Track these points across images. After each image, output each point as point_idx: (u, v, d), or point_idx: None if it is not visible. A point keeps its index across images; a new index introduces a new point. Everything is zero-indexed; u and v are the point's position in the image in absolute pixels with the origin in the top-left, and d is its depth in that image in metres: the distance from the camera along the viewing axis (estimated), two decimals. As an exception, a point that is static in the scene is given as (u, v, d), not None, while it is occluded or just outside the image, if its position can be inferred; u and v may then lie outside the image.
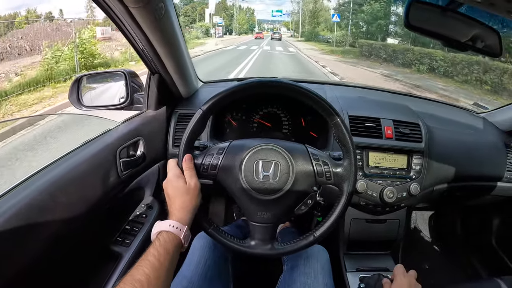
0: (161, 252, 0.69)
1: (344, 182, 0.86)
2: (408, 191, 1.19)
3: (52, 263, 0.80)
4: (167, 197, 0.82)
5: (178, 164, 0.85)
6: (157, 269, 0.66)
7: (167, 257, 0.69)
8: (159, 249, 0.69)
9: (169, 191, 0.81)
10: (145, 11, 0.82)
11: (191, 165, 0.84)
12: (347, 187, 0.86)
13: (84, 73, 1.24)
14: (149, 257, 0.67)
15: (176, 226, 0.74)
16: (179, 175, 0.82)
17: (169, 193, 0.81)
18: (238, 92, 0.86)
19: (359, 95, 1.52)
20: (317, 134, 1.32)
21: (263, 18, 53.44)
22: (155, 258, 0.67)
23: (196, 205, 0.82)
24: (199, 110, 0.85)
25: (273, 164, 0.83)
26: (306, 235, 0.88)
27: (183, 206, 0.79)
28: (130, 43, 1.01)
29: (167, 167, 0.85)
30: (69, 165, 0.89)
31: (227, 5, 47.49)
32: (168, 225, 0.74)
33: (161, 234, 0.73)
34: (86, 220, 0.90)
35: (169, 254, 0.70)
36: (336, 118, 0.85)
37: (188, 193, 0.80)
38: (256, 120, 1.36)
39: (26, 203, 0.74)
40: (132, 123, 1.15)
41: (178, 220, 0.76)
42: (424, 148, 1.23)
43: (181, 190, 0.80)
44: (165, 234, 0.73)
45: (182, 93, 1.30)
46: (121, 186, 1.05)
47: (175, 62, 1.10)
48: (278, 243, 0.88)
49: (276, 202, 0.84)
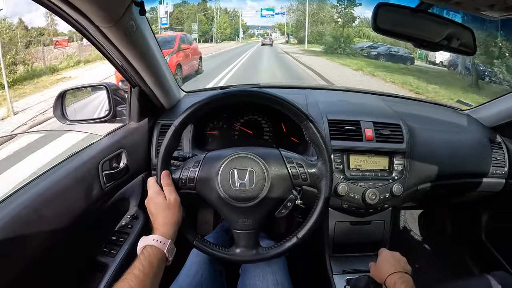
0: (146, 266, 0.72)
1: (321, 181, 0.88)
2: (391, 192, 1.19)
3: (39, 276, 0.83)
4: (150, 214, 0.85)
5: (157, 181, 0.87)
6: (142, 281, 0.69)
7: (151, 270, 0.72)
8: (144, 263, 0.72)
9: (151, 208, 0.84)
10: (115, 29, 0.85)
11: (169, 181, 0.87)
12: (325, 186, 0.88)
13: (68, 88, 1.26)
14: (134, 270, 0.70)
15: (160, 240, 0.77)
16: (159, 191, 0.85)
17: (151, 210, 0.84)
18: (206, 105, 0.88)
19: (339, 99, 1.53)
20: (298, 139, 1.33)
21: (253, 24, 44.94)
22: (140, 271, 0.70)
23: (178, 219, 0.85)
24: (171, 126, 0.88)
25: (248, 172, 0.86)
26: (290, 237, 0.90)
27: (165, 221, 0.82)
28: (107, 59, 1.03)
29: (147, 185, 0.88)
30: (53, 179, 0.91)
31: (206, 6, 37.09)
32: (152, 239, 0.77)
33: (145, 248, 0.76)
34: (71, 232, 0.93)
35: (153, 267, 0.73)
36: (305, 120, 0.87)
37: (169, 208, 0.83)
38: (238, 128, 1.37)
39: (11, 217, 0.76)
40: (115, 136, 1.17)
41: (161, 234, 0.79)
42: (406, 148, 1.23)
43: (162, 206, 0.83)
44: (150, 248, 0.76)
45: (164, 104, 1.32)
46: (105, 198, 1.07)
47: (152, 75, 1.12)
48: (262, 248, 0.90)
49: (255, 208, 0.87)
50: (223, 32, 40.70)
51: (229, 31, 41.94)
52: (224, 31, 40.89)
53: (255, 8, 40.28)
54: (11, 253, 0.74)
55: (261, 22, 43.73)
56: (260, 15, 37.44)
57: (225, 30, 41.13)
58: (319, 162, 0.89)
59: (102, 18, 0.80)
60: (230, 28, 42.19)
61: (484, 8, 0.73)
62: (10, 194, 0.83)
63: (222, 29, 40.81)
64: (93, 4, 0.75)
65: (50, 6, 0.75)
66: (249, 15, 40.42)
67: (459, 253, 1.80)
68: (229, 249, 0.90)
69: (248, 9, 43.68)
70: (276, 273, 1.02)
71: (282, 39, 43.63)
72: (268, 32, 44.01)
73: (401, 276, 0.84)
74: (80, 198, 0.97)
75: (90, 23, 0.81)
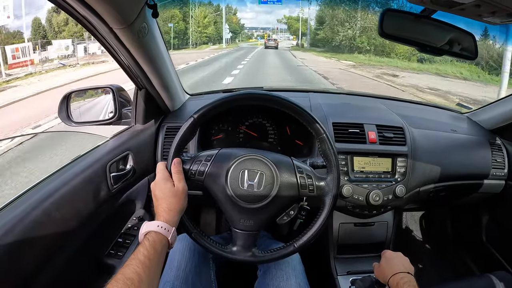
0: (151, 252, 0.71)
1: (326, 196, 0.89)
2: (394, 193, 1.21)
3: (47, 277, 0.82)
4: (154, 198, 0.84)
5: (167, 167, 0.87)
6: (148, 267, 0.68)
7: (156, 255, 0.72)
8: (149, 249, 0.71)
9: (157, 193, 0.83)
10: (128, 31, 0.86)
11: (180, 169, 0.87)
12: (329, 201, 0.89)
13: (73, 90, 1.26)
14: (139, 256, 0.69)
15: (164, 227, 0.77)
16: (167, 178, 0.85)
17: (156, 195, 0.83)
18: (230, 102, 0.89)
19: (342, 102, 1.55)
20: (302, 142, 1.34)
21: (253, 26, 38.71)
22: (145, 257, 0.69)
23: (183, 208, 0.84)
24: (190, 117, 0.88)
25: (258, 174, 0.87)
26: (287, 245, 0.91)
27: (170, 208, 0.81)
28: (116, 61, 1.04)
29: (156, 169, 0.88)
30: (61, 180, 0.91)
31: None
32: (156, 225, 0.77)
33: (149, 234, 0.75)
34: (79, 234, 0.93)
35: (157, 254, 0.73)
36: (323, 134, 0.89)
37: (175, 196, 0.82)
38: (242, 130, 1.38)
39: (21, 219, 0.76)
40: (121, 138, 1.18)
41: (165, 221, 0.78)
42: (408, 151, 1.26)
43: (168, 192, 0.82)
44: (154, 234, 0.75)
45: (169, 106, 1.32)
46: (112, 199, 1.07)
47: (160, 77, 1.13)
48: (258, 251, 0.91)
49: (259, 210, 0.87)
50: (203, 31, 28.05)
51: (211, 30, 29.67)
52: (204, 30, 28.79)
53: (255, 9, 33.98)
54: (20, 254, 0.74)
55: (260, 23, 39.27)
56: (258, 1, 29.59)
57: (205, 28, 28.54)
58: (328, 177, 0.90)
59: (116, 19, 0.81)
60: (213, 26, 29.63)
61: (486, 14, 0.75)
62: (19, 195, 0.83)
63: (201, 27, 28.17)
64: (109, 6, 0.76)
65: (65, 7, 0.76)
66: (248, 16, 34.47)
67: (460, 255, 1.81)
68: (225, 246, 0.91)
69: (248, 10, 38.20)
70: (298, 277, 1.02)
71: (288, 42, 36.53)
72: (269, 33, 38.27)
73: (403, 276, 0.86)
74: (88, 200, 0.97)
75: (104, 24, 0.82)
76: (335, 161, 0.89)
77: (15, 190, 0.93)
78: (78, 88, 1.28)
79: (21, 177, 3.36)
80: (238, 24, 36.36)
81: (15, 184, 3.10)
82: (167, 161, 0.88)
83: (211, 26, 28.88)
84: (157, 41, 1.01)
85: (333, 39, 24.78)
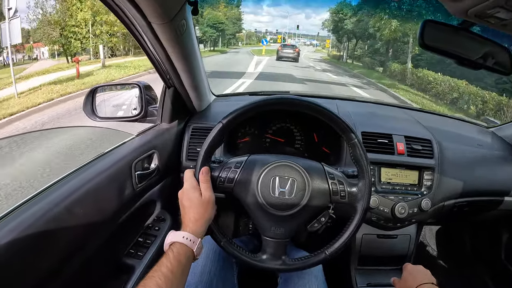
0: (174, 264, 0.69)
1: (358, 202, 0.87)
2: (419, 207, 1.19)
3: (65, 274, 0.80)
4: (181, 207, 0.82)
5: (195, 175, 0.85)
6: (170, 280, 0.66)
7: (179, 268, 0.70)
8: (172, 261, 0.70)
9: (184, 202, 0.81)
10: (167, 27, 0.84)
11: (208, 178, 0.85)
12: (361, 207, 0.87)
13: (99, 84, 1.25)
14: (162, 268, 0.68)
15: (190, 239, 0.75)
16: (195, 186, 0.83)
17: (184, 204, 0.82)
18: (258, 107, 0.87)
19: (370, 111, 1.54)
20: (329, 150, 1.32)
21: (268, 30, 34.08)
22: (168, 270, 0.67)
23: (210, 218, 0.83)
24: (219, 123, 0.86)
25: (289, 181, 0.85)
26: (317, 252, 0.89)
27: (197, 218, 0.79)
28: (148, 56, 1.03)
29: (184, 177, 0.86)
30: (85, 177, 0.89)
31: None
32: (182, 236, 0.75)
33: (174, 245, 0.74)
34: (100, 232, 0.91)
35: (181, 266, 0.71)
36: (354, 139, 0.87)
37: (202, 205, 0.81)
38: (269, 135, 1.36)
39: (42, 214, 0.74)
40: (146, 136, 1.16)
41: (192, 232, 0.76)
42: (435, 164, 1.24)
43: (196, 201, 0.81)
44: (179, 245, 0.73)
45: (196, 106, 1.31)
46: (135, 198, 1.05)
47: (191, 76, 1.11)
48: (288, 259, 0.88)
49: (290, 218, 0.85)
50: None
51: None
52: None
53: (271, 13, 31.16)
54: (40, 250, 0.72)
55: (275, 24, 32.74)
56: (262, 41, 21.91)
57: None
58: (360, 183, 0.88)
59: (157, 14, 0.79)
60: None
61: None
62: (42, 190, 0.81)
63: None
64: (152, 1, 0.74)
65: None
66: (264, 20, 29.55)
67: (478, 271, 1.77)
68: (255, 254, 0.89)
69: (264, 14, 32.56)
70: (319, 286, 1.00)
71: (309, 48, 27.46)
72: (284, 36, 27.96)
73: (430, 287, 0.84)
74: (112, 198, 0.95)
75: (144, 18, 0.80)
76: (366, 166, 0.87)
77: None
78: (105, 83, 1.28)
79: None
80: (237, 12, 26.18)
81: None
82: (195, 169, 0.86)
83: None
84: (192, 39, 1.00)
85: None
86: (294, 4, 35.51)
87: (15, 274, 0.66)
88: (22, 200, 0.76)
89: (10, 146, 4.25)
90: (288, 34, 31.35)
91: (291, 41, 28.91)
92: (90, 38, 16.86)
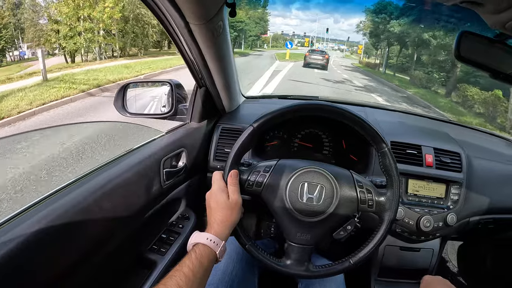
0: (196, 265, 0.69)
1: (385, 212, 0.86)
2: (445, 221, 1.17)
3: (91, 266, 0.81)
4: (208, 208, 0.83)
5: (224, 177, 0.86)
6: (191, 281, 0.66)
7: (201, 270, 0.70)
8: (195, 262, 0.70)
9: (211, 203, 0.82)
10: (204, 28, 0.85)
11: (236, 181, 0.85)
12: (388, 218, 0.86)
13: (131, 81, 1.28)
14: (184, 268, 0.68)
15: (214, 241, 0.75)
16: (223, 189, 0.83)
17: (211, 205, 0.82)
18: (292, 113, 0.87)
19: (399, 120, 1.50)
20: (357, 158, 1.31)
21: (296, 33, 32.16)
22: (189, 270, 0.67)
23: (236, 221, 0.83)
24: (250, 127, 0.87)
25: (318, 187, 0.85)
26: (342, 260, 0.88)
27: (223, 220, 0.79)
28: (182, 56, 1.04)
29: (212, 178, 0.86)
30: (115, 171, 0.91)
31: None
32: (206, 238, 0.75)
33: (197, 246, 0.74)
34: (125, 226, 0.92)
35: (203, 268, 0.71)
36: (385, 147, 0.86)
37: (229, 208, 0.81)
38: (297, 140, 1.35)
39: (72, 205, 0.75)
40: (176, 134, 1.17)
41: (216, 234, 0.76)
42: (463, 178, 1.21)
43: (223, 204, 0.81)
44: (202, 247, 0.74)
45: (226, 107, 1.32)
46: (162, 195, 1.07)
47: (224, 77, 1.12)
48: (313, 265, 0.88)
49: (316, 224, 0.85)
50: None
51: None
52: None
53: (300, 17, 29.54)
54: (68, 241, 0.73)
55: (303, 28, 29.44)
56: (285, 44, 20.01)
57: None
58: (388, 192, 0.87)
59: (196, 15, 0.80)
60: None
61: None
62: (72, 181, 0.83)
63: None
64: (192, 1, 0.75)
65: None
66: (293, 23, 28.12)
67: None
68: (279, 259, 0.89)
69: (293, 17, 31.22)
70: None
71: (336, 53, 24.97)
72: (312, 40, 25.40)
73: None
74: (139, 194, 0.96)
75: (182, 18, 0.81)
76: (396, 176, 0.86)
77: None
78: (136, 80, 1.30)
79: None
80: (252, 17, 23.89)
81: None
82: (224, 171, 0.87)
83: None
84: (227, 41, 1.00)
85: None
86: (323, 8, 34.83)
87: (45, 261, 0.68)
88: (52, 190, 0.78)
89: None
90: (316, 38, 30.00)
91: (318, 45, 27.23)
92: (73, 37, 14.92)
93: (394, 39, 19.12)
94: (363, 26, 24.46)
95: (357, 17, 23.35)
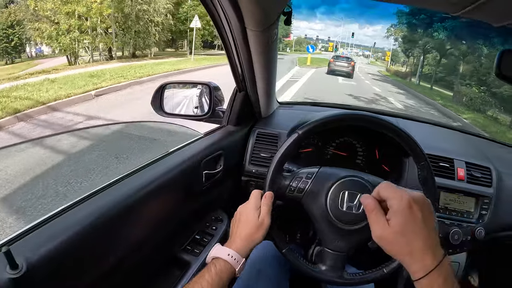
0: (215, 280, 0.71)
1: None
2: (473, 235, 1.17)
3: (128, 263, 0.82)
4: (236, 220, 0.85)
5: (264, 186, 0.88)
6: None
7: (220, 284, 0.71)
8: (214, 277, 0.71)
9: (242, 217, 0.84)
10: (261, 35, 0.86)
11: (270, 203, 0.86)
12: None
13: (169, 81, 1.29)
14: (203, 282, 0.69)
15: (235, 258, 0.76)
16: (257, 208, 0.85)
17: (240, 219, 0.84)
18: (336, 122, 0.89)
19: (431, 132, 1.51)
20: (389, 168, 1.31)
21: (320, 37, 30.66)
22: (208, 284, 0.69)
23: (258, 242, 0.83)
24: (295, 133, 0.88)
25: (358, 196, 0.85)
26: (376, 269, 0.89)
27: (247, 237, 0.80)
28: (229, 59, 1.05)
29: (251, 194, 0.88)
30: (159, 171, 0.92)
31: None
32: (227, 254, 0.76)
33: (217, 260, 0.75)
34: (164, 225, 0.93)
35: (222, 282, 0.72)
36: (425, 161, 0.88)
37: (256, 227, 0.82)
38: (332, 148, 1.36)
39: (117, 203, 0.76)
40: (214, 137, 1.18)
41: (237, 250, 0.77)
42: (493, 193, 1.22)
43: (252, 221, 0.82)
44: (222, 262, 0.75)
45: (263, 112, 1.33)
46: (200, 197, 1.08)
47: (267, 83, 1.14)
48: (347, 273, 0.89)
49: (354, 233, 0.86)
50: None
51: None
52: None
53: (324, 21, 27.41)
54: (110, 238, 0.75)
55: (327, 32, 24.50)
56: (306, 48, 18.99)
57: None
58: None
59: (256, 22, 0.81)
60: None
61: None
62: (115, 180, 0.84)
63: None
64: (255, 7, 0.76)
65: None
66: (317, 27, 25.86)
67: None
68: (314, 265, 0.90)
69: (318, 21, 29.68)
70: None
71: (361, 60, 23.02)
72: (336, 45, 23.81)
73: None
74: (181, 194, 0.98)
75: (240, 23, 0.82)
76: (435, 189, 0.88)
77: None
78: (174, 80, 1.31)
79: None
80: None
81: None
82: (267, 176, 0.88)
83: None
84: (276, 48, 1.01)
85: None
86: (348, 13, 34.37)
87: (89, 256, 0.69)
88: (96, 188, 0.79)
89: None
90: (341, 43, 28.53)
91: (343, 50, 25.36)
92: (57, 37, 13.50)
93: (435, 46, 16.38)
94: (394, 30, 21.77)
95: (382, 23, 22.25)
